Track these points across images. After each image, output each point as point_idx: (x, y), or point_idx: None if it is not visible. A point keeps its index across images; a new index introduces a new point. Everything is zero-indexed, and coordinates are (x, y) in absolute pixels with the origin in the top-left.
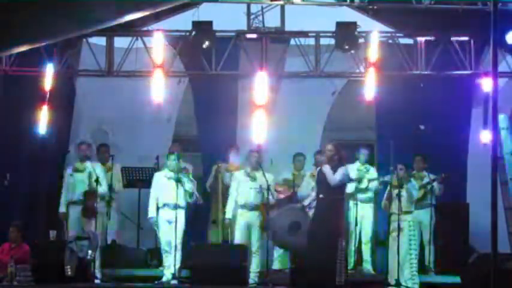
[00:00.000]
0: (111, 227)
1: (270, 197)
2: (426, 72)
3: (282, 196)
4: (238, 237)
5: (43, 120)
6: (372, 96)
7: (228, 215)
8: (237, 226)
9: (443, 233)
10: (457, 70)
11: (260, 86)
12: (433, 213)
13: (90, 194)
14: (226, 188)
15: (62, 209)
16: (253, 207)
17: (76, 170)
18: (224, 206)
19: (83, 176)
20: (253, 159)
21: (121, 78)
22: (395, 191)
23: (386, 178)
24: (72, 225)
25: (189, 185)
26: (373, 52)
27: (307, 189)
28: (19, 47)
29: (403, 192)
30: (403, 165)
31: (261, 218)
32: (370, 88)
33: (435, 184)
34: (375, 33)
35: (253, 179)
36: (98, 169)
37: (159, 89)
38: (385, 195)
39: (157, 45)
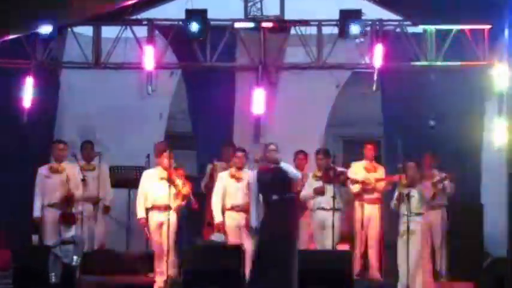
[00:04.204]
0: (98, 230)
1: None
2: (437, 63)
3: None
4: (230, 241)
5: (24, 116)
6: (379, 90)
7: (219, 218)
8: (227, 229)
9: (455, 236)
10: (470, 61)
11: (257, 100)
12: (444, 214)
13: (68, 199)
14: None
15: (37, 213)
16: (241, 209)
17: (53, 171)
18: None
19: (61, 178)
20: (236, 160)
21: (109, 71)
22: (405, 191)
23: (395, 177)
24: (50, 232)
25: (186, 189)
26: (379, 42)
27: (311, 190)
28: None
29: (414, 193)
30: (414, 163)
31: (248, 218)
32: (376, 81)
33: (446, 183)
34: (381, 21)
35: (239, 179)
36: (74, 171)
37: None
38: (395, 195)
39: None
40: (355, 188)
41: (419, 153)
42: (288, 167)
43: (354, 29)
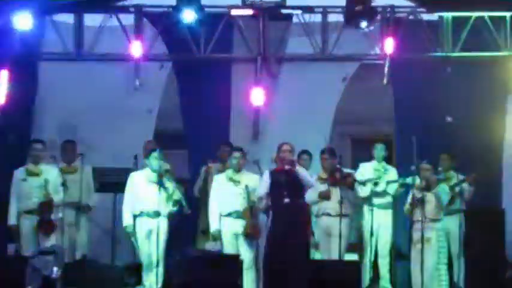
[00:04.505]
0: (81, 239)
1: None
2: (454, 54)
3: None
4: (226, 251)
5: None
6: (390, 83)
7: (215, 225)
8: (223, 238)
9: (474, 244)
10: (491, 51)
11: (255, 95)
12: (462, 220)
13: (47, 205)
14: None
15: (12, 220)
16: (239, 216)
17: (30, 174)
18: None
19: (39, 181)
20: (234, 161)
21: (92, 63)
22: (419, 195)
23: (408, 180)
24: (27, 240)
25: (178, 194)
26: (391, 31)
27: (315, 193)
28: None
29: (430, 197)
30: (429, 164)
31: (246, 225)
32: (387, 73)
33: (464, 186)
34: (392, 8)
35: (236, 182)
36: (53, 174)
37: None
38: (408, 199)
39: None
40: (363, 192)
41: (435, 154)
42: (304, 172)
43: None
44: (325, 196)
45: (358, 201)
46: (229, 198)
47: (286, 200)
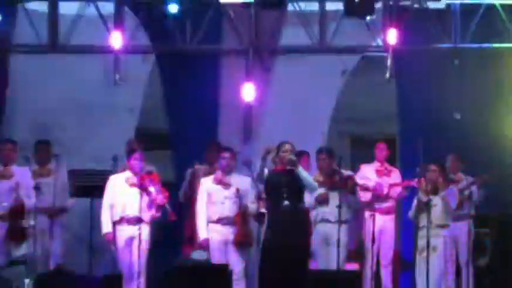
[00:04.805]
0: (55, 248)
1: (251, 204)
2: (462, 45)
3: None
4: (215, 261)
5: None
6: (393, 78)
7: (204, 233)
8: (211, 246)
9: (484, 252)
10: (502, 42)
11: (247, 90)
12: (471, 226)
13: (17, 210)
14: None
15: None
16: (229, 221)
17: (0, 176)
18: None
19: (9, 184)
20: (223, 162)
21: (68, 55)
22: (425, 199)
23: (413, 182)
24: None
25: (162, 198)
26: (394, 20)
27: (312, 197)
28: None
29: (437, 201)
30: (437, 165)
31: (236, 232)
32: (390, 67)
33: (474, 189)
34: None
35: (226, 185)
36: (25, 176)
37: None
38: (414, 203)
39: None
40: (364, 196)
41: (442, 154)
42: (306, 175)
43: None
44: (322, 200)
45: (359, 206)
46: (218, 203)
47: (286, 203)
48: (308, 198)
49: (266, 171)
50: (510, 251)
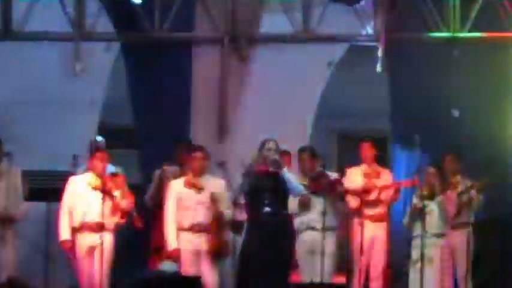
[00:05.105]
0: (7, 257)
1: (226, 210)
2: (462, 35)
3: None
4: (186, 272)
5: None
6: (385, 70)
7: (174, 243)
8: (182, 256)
9: (485, 263)
10: (505, 31)
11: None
12: (470, 235)
13: None
14: None
15: None
16: (202, 229)
17: None
18: None
19: None
20: (195, 163)
21: (23, 43)
22: (419, 204)
23: (406, 182)
24: None
25: (126, 202)
26: (386, 6)
27: (294, 202)
28: None
29: (433, 207)
30: (435, 167)
31: (211, 241)
32: (381, 58)
33: (473, 193)
34: None
35: (199, 189)
36: None
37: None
38: (409, 210)
39: None
40: (352, 201)
41: (438, 154)
42: (291, 177)
43: None
44: (303, 205)
45: (347, 213)
46: (190, 209)
47: (267, 209)
48: (292, 204)
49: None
50: (508, 261)
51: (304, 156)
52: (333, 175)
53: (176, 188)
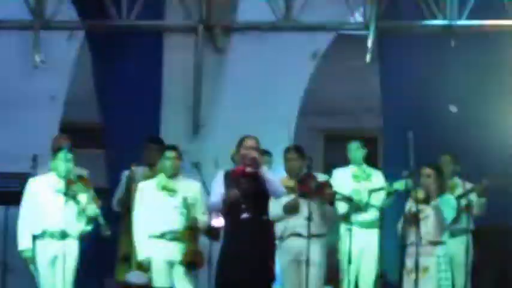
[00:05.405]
0: None
1: (201, 216)
2: (459, 23)
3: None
4: (157, 284)
5: None
6: (375, 61)
7: (143, 251)
8: (153, 265)
9: (485, 273)
10: (507, 19)
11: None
12: (469, 243)
13: None
14: None
15: None
16: (175, 237)
17: None
18: None
19: None
20: (167, 163)
21: None
22: (413, 208)
23: (397, 185)
24: None
25: (93, 208)
26: None
27: (278, 205)
28: None
29: (429, 212)
30: (431, 168)
31: (185, 249)
32: (371, 48)
33: (473, 197)
34: None
35: (171, 192)
36: None
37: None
38: (403, 216)
39: None
40: (340, 207)
41: (434, 154)
42: (272, 177)
43: None
44: (292, 208)
45: (336, 219)
46: (162, 214)
47: (245, 216)
48: (275, 207)
49: (221, 173)
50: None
51: (291, 156)
52: (321, 176)
53: (146, 191)
